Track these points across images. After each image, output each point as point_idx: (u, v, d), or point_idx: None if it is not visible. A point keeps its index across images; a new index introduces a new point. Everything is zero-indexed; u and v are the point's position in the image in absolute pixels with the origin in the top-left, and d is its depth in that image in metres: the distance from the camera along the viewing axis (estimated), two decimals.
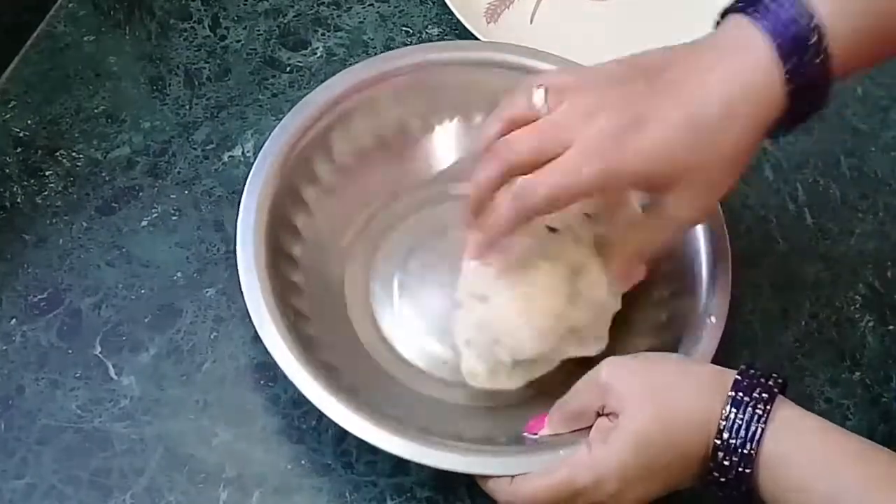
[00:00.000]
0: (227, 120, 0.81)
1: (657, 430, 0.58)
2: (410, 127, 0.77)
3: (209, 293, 0.73)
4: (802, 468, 0.56)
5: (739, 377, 0.58)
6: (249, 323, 0.66)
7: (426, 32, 0.86)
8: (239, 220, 0.69)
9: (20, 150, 0.78)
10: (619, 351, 0.65)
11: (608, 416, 0.60)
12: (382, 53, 0.81)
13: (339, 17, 0.87)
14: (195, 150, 0.79)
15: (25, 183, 0.77)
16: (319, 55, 0.85)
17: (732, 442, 0.56)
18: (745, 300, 0.74)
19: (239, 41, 0.85)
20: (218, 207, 0.77)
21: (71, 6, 0.86)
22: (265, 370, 0.70)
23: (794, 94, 0.57)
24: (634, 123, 0.57)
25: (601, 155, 0.57)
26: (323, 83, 0.75)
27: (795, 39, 0.56)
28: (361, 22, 0.87)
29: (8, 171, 0.77)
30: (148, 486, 0.66)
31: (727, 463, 0.57)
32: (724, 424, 0.57)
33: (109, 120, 0.80)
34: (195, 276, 0.74)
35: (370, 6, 0.88)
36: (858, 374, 0.73)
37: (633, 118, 0.57)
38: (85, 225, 0.75)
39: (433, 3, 0.87)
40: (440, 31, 0.86)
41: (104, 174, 0.78)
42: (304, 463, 0.68)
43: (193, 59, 0.84)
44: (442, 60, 0.77)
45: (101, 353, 0.71)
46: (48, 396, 0.69)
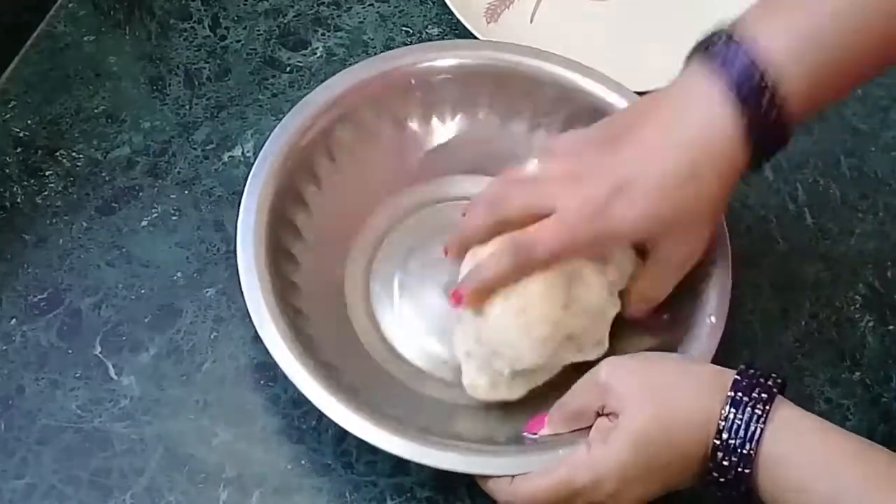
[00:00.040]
0: (227, 120, 0.81)
1: (656, 429, 0.58)
2: (410, 127, 0.77)
3: (209, 293, 0.73)
4: (802, 468, 0.56)
5: (739, 377, 0.58)
6: (249, 323, 0.66)
7: (426, 32, 0.86)
8: (239, 220, 0.69)
9: (20, 150, 0.79)
10: (619, 351, 0.66)
11: (608, 415, 0.60)
12: (382, 53, 0.81)
13: (339, 17, 0.87)
14: (195, 150, 0.79)
15: (25, 183, 0.77)
16: (319, 55, 0.85)
17: (732, 442, 0.57)
18: (745, 300, 0.74)
19: (239, 41, 0.85)
20: (218, 207, 0.77)
21: (71, 6, 0.86)
22: (265, 370, 0.70)
23: (755, 144, 0.62)
24: (617, 191, 0.62)
25: (591, 220, 0.62)
26: (323, 83, 0.75)
27: (752, 93, 0.60)
28: (361, 22, 0.87)
29: (8, 171, 0.78)
30: (148, 486, 0.66)
31: (726, 463, 0.57)
32: (723, 424, 0.57)
33: (109, 120, 0.80)
34: (195, 276, 0.74)
35: (370, 6, 0.88)
36: (858, 374, 0.73)
37: (614, 186, 0.62)
38: (85, 225, 0.76)
39: (433, 3, 0.87)
40: (440, 31, 0.86)
41: (104, 174, 0.78)
42: (304, 463, 0.68)
43: (193, 59, 0.84)
44: (442, 60, 0.77)
45: (101, 353, 0.71)
46: (48, 396, 0.69)
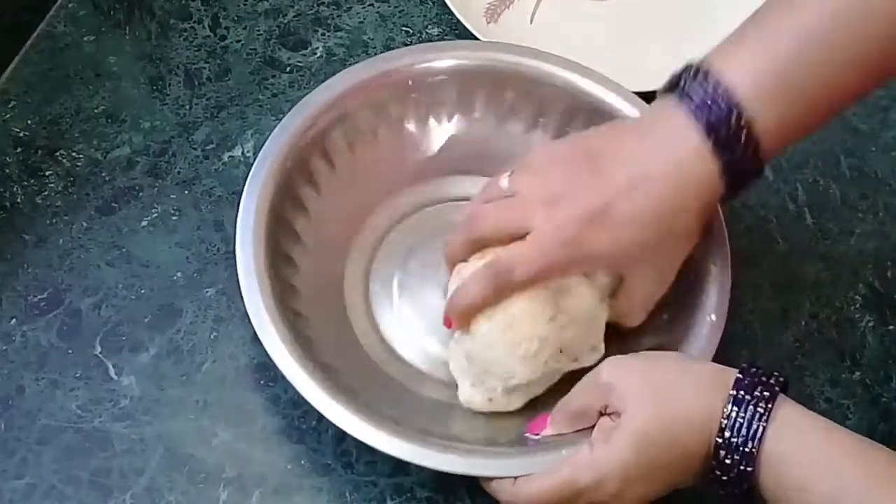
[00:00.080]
0: (227, 120, 0.81)
1: (658, 429, 0.58)
2: (410, 127, 0.77)
3: (209, 293, 0.73)
4: (803, 467, 0.56)
5: (741, 375, 0.58)
6: (249, 323, 0.66)
7: (426, 32, 0.86)
8: (238, 220, 0.69)
9: (20, 150, 0.78)
10: (619, 351, 0.65)
11: (610, 415, 0.60)
12: (382, 53, 0.81)
13: (339, 17, 0.87)
14: (195, 150, 0.79)
15: (25, 183, 0.77)
16: (319, 55, 0.85)
17: (734, 440, 0.57)
18: (745, 300, 0.74)
19: (239, 41, 0.85)
20: (218, 207, 0.77)
21: (71, 6, 0.86)
22: (265, 370, 0.70)
23: (730, 183, 0.63)
24: (593, 217, 0.62)
25: (566, 245, 0.63)
26: (323, 83, 0.75)
27: (728, 136, 0.61)
28: (361, 22, 0.87)
29: (8, 171, 0.77)
30: (148, 486, 0.66)
31: (729, 461, 0.57)
32: (725, 423, 0.57)
33: (109, 120, 0.80)
34: (195, 276, 0.74)
35: (370, 6, 0.88)
36: (858, 374, 0.73)
37: (591, 213, 0.62)
38: (85, 225, 0.75)
39: (433, 3, 0.87)
40: (440, 31, 0.86)
41: (104, 174, 0.78)
42: (304, 463, 0.68)
43: (193, 59, 0.84)
44: (442, 60, 0.77)
45: (101, 353, 0.70)
46: (48, 396, 0.69)
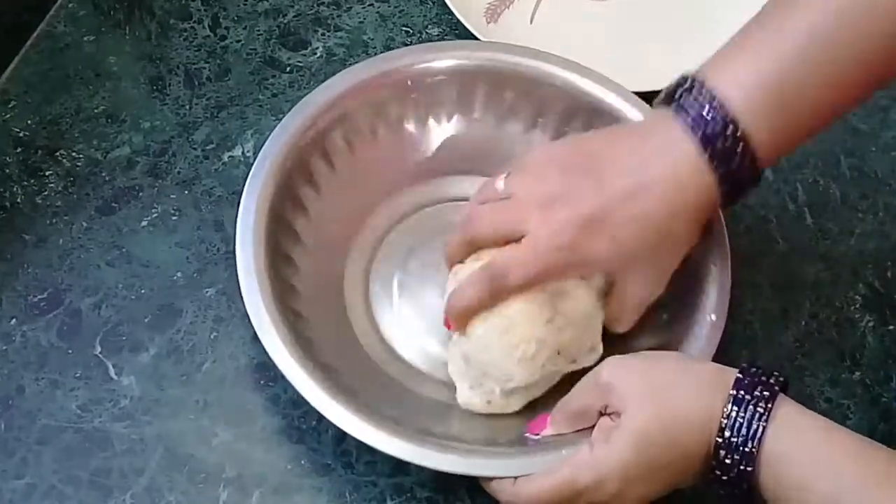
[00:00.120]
0: (227, 120, 0.81)
1: (658, 429, 0.58)
2: (410, 127, 0.77)
3: (209, 293, 0.73)
4: (803, 466, 0.56)
5: (741, 375, 0.58)
6: (249, 323, 0.66)
7: (426, 32, 0.86)
8: (238, 220, 0.69)
9: (20, 150, 0.78)
10: (619, 351, 0.65)
11: (611, 415, 0.60)
12: (382, 53, 0.81)
13: (339, 17, 0.87)
14: (195, 150, 0.79)
15: (25, 183, 0.77)
16: (319, 55, 0.85)
17: (734, 440, 0.57)
18: (745, 300, 0.74)
19: (239, 41, 0.85)
20: (218, 207, 0.77)
21: (71, 6, 0.86)
22: (265, 370, 0.70)
23: (727, 192, 0.63)
24: (589, 223, 0.62)
25: (562, 250, 0.62)
26: (323, 83, 0.75)
27: (724, 147, 0.61)
28: (361, 22, 0.87)
29: (8, 171, 0.77)
30: (148, 486, 0.66)
31: (729, 461, 0.57)
32: (725, 422, 0.57)
33: (109, 120, 0.80)
34: (195, 276, 0.74)
35: (370, 6, 0.88)
36: (858, 374, 0.73)
37: (587, 218, 0.62)
38: (85, 225, 0.75)
39: (433, 3, 0.87)
40: (440, 31, 0.86)
41: (104, 174, 0.78)
42: (304, 463, 0.68)
43: (193, 59, 0.84)
44: (442, 60, 0.77)
45: (101, 353, 0.70)
46: (48, 396, 0.69)
